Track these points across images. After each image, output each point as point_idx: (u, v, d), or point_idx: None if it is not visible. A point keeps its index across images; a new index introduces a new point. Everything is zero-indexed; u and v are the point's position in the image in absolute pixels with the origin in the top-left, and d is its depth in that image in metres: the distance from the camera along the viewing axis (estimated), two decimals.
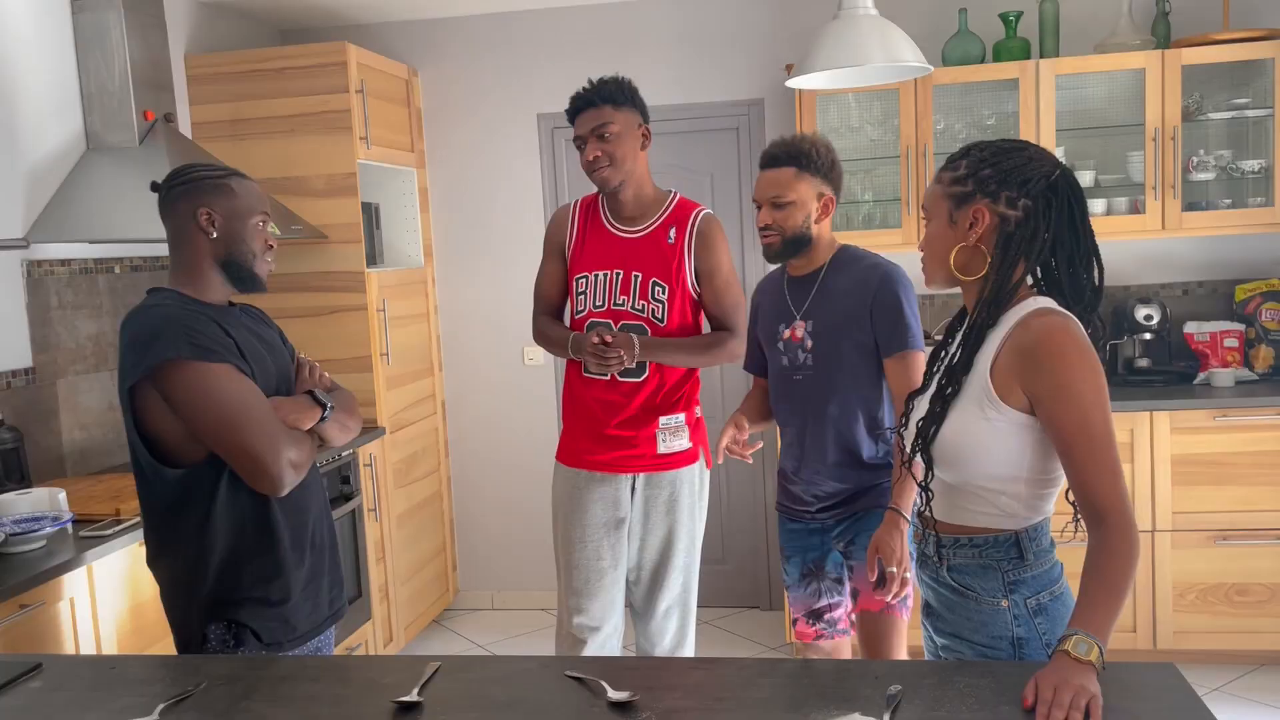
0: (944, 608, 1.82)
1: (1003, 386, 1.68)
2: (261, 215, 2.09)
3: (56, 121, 3.36)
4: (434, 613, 4.60)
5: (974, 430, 1.71)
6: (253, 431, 1.93)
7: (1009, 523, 1.74)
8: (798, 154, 2.47)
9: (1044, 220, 1.70)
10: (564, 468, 2.96)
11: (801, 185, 2.46)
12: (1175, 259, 4.25)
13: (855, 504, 2.54)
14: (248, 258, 2.06)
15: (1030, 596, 1.73)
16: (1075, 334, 1.66)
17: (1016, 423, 1.68)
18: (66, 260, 3.36)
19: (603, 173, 2.78)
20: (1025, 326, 1.68)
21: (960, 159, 1.77)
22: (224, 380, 1.93)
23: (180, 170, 2.08)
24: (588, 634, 2.92)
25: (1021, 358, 1.66)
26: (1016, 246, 1.71)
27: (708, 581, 4.51)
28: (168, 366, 1.92)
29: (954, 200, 1.75)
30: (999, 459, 1.70)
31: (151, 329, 1.95)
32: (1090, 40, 4.09)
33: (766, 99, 4.41)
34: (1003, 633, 1.73)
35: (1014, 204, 1.70)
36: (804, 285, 2.56)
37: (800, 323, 2.54)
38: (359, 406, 2.29)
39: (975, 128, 4.17)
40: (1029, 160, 1.72)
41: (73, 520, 2.64)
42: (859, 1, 2.95)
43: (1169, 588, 3.79)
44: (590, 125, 2.76)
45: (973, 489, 1.74)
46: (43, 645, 2.38)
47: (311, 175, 4.02)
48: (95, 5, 3.41)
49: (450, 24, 4.60)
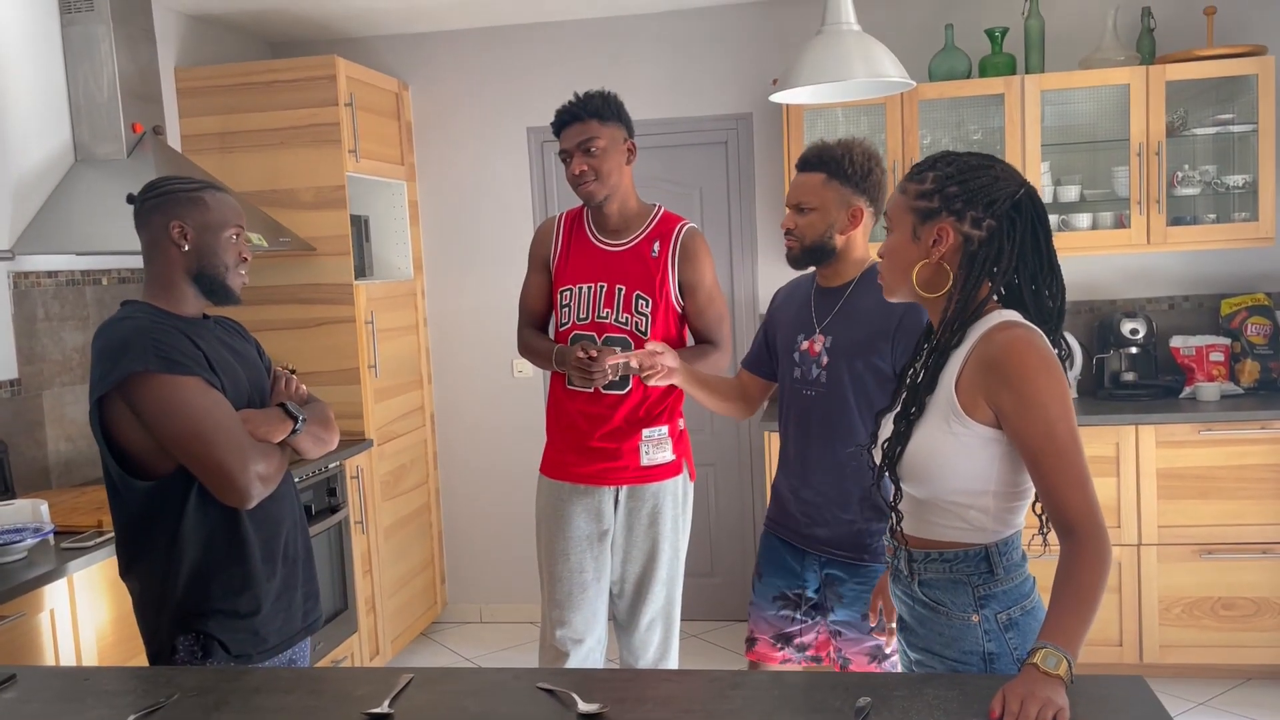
0: (916, 622, 1.82)
1: (968, 401, 1.68)
2: (235, 228, 2.09)
3: (45, 133, 3.37)
4: (422, 625, 4.59)
5: (940, 445, 1.70)
6: (219, 444, 1.93)
7: (978, 537, 1.73)
8: (829, 160, 2.35)
9: (1008, 240, 1.70)
10: (547, 480, 2.97)
11: (828, 193, 2.34)
12: (1161, 273, 4.27)
13: (849, 548, 2.37)
14: (220, 270, 2.07)
15: (1001, 611, 1.73)
16: (1039, 346, 1.67)
17: (983, 436, 1.68)
18: (54, 272, 3.37)
19: (588, 187, 2.80)
20: (989, 340, 1.68)
21: (926, 170, 1.75)
22: (191, 393, 1.93)
23: (154, 183, 2.09)
24: (570, 646, 2.91)
25: (986, 371, 1.66)
26: (980, 266, 1.71)
27: (695, 595, 4.53)
28: (135, 379, 1.92)
29: (918, 215, 1.74)
30: (966, 473, 1.70)
31: (120, 341, 1.95)
32: (1075, 56, 4.12)
33: (755, 113, 4.43)
34: (974, 648, 1.73)
35: (979, 224, 1.71)
36: (830, 298, 2.43)
37: (820, 336, 2.40)
38: (335, 419, 2.28)
39: (961, 142, 4.19)
40: (995, 180, 1.71)
41: (54, 532, 2.64)
42: (842, 17, 2.97)
43: (1154, 601, 3.79)
44: (576, 139, 2.77)
45: (941, 504, 1.74)
46: (23, 656, 2.38)
47: (300, 188, 4.04)
48: (85, 18, 3.43)
49: (440, 38, 4.62)
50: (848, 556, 2.37)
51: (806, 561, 2.45)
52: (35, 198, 3.31)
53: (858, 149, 2.36)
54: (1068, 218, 4.04)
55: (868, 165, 2.36)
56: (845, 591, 2.38)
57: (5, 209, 3.18)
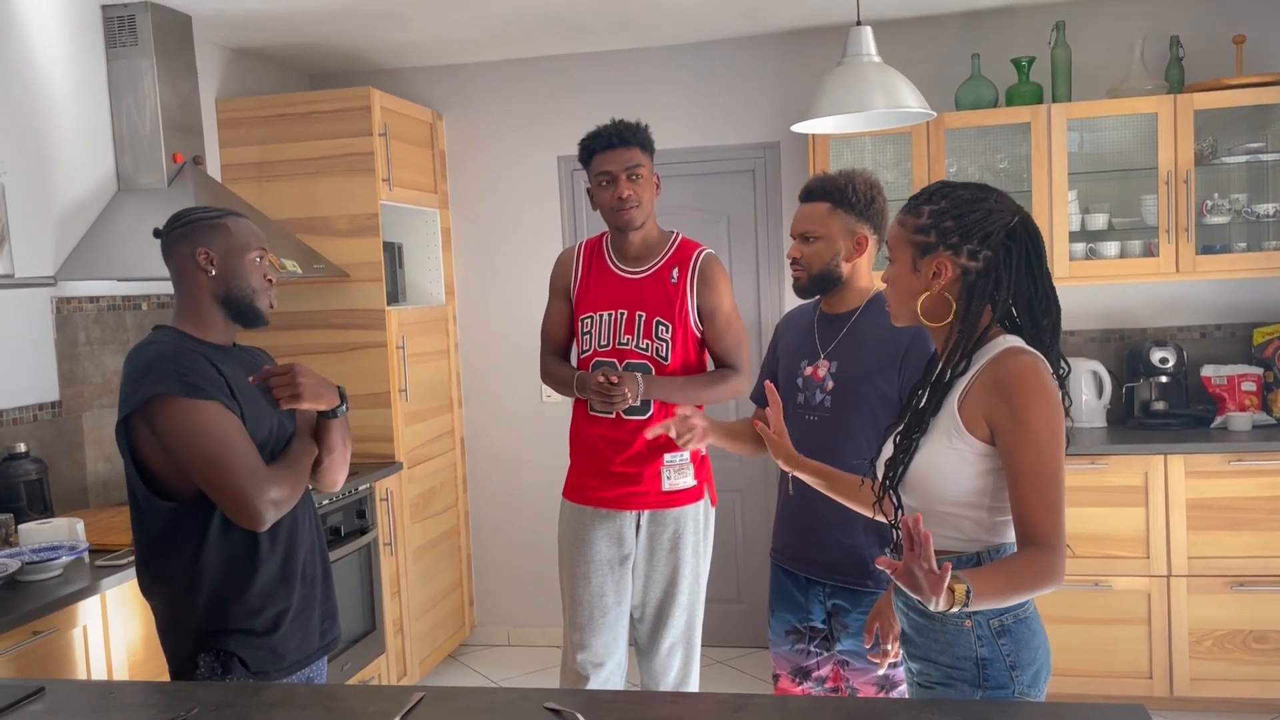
0: (915, 631, 1.86)
1: (970, 419, 1.75)
2: (258, 251, 2.15)
3: (90, 164, 3.49)
4: (450, 648, 4.63)
5: (939, 458, 1.77)
6: (234, 468, 1.98)
7: (972, 545, 1.79)
8: (832, 190, 2.40)
9: (1005, 269, 1.76)
10: (570, 504, 3.01)
11: (833, 222, 2.38)
12: (1192, 302, 4.24)
13: (852, 573, 2.38)
14: (247, 293, 2.13)
15: (994, 618, 1.76)
16: (1043, 375, 1.73)
17: (978, 452, 1.75)
18: (95, 297, 3.47)
19: (630, 213, 2.84)
20: (997, 363, 1.74)
21: (923, 204, 1.81)
22: (209, 418, 1.99)
23: (178, 215, 2.16)
24: (590, 670, 2.94)
25: (990, 392, 1.72)
26: (980, 296, 1.77)
27: (722, 620, 4.54)
28: (157, 402, 1.99)
29: (917, 249, 1.80)
30: (961, 486, 1.76)
31: (145, 365, 2.02)
32: (1103, 85, 4.12)
33: (782, 142, 4.47)
34: (966, 653, 1.77)
35: (975, 256, 1.77)
36: (834, 324, 2.46)
37: (824, 362, 2.44)
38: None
39: (988, 171, 4.20)
40: (989, 213, 1.77)
41: (89, 550, 2.72)
42: (863, 49, 3.01)
43: (1185, 634, 3.75)
44: (623, 164, 2.82)
45: (936, 513, 1.79)
46: (56, 671, 2.45)
47: (335, 215, 4.13)
48: (129, 52, 3.55)
49: (474, 69, 4.72)
50: (851, 582, 2.39)
51: (811, 592, 2.47)
52: (79, 226, 3.42)
53: (859, 178, 2.42)
54: (1096, 246, 4.03)
55: (870, 194, 2.41)
56: (850, 621, 2.39)
57: (50, 237, 3.30)
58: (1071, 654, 3.78)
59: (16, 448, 3.04)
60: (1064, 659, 3.77)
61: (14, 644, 2.32)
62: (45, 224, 3.28)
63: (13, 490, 3.00)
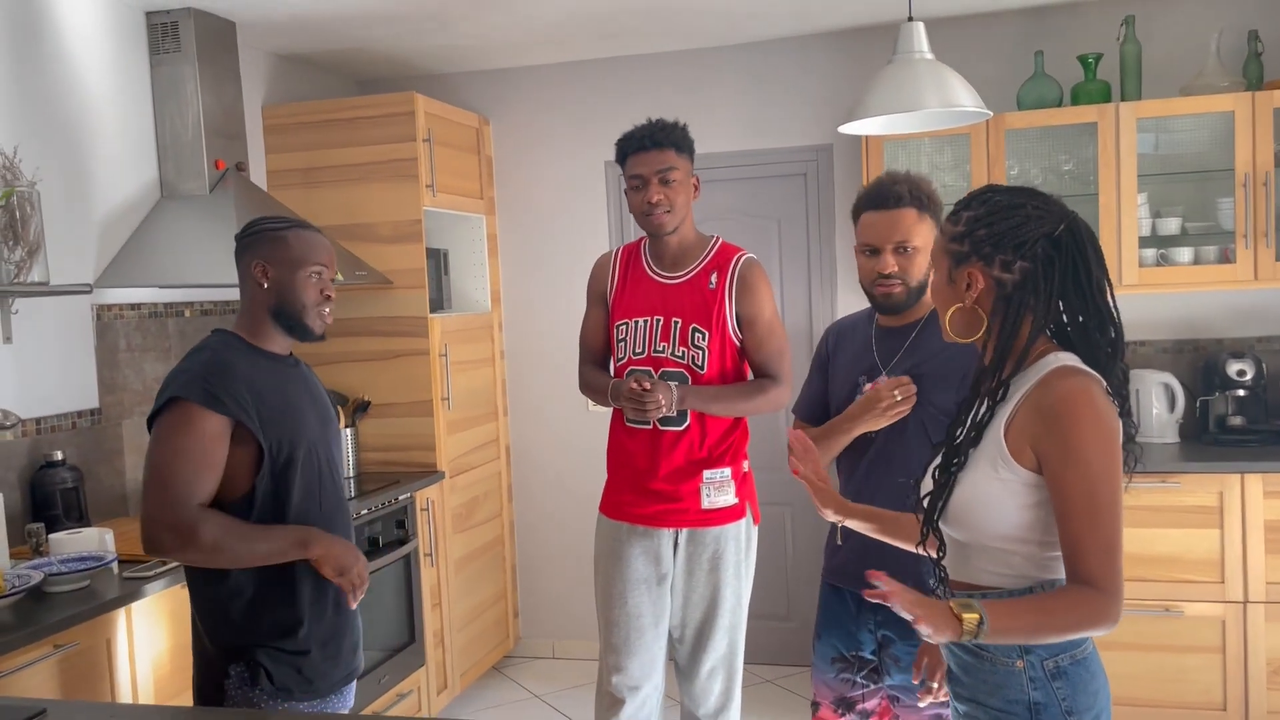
0: (962, 671, 1.72)
1: (1016, 446, 1.61)
2: (316, 267, 2.14)
3: (133, 171, 3.48)
4: (493, 660, 4.56)
5: (984, 489, 1.63)
6: (164, 484, 1.97)
7: (1022, 581, 1.65)
8: (920, 195, 2.25)
9: (1044, 281, 1.62)
10: (606, 520, 2.91)
11: (924, 229, 2.23)
12: (1272, 311, 4.00)
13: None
14: (297, 308, 2.12)
15: (1049, 658, 1.62)
16: (1095, 398, 1.58)
17: (1027, 483, 1.61)
18: (136, 304, 3.46)
19: (660, 217, 2.74)
20: (1046, 386, 1.60)
21: (962, 210, 1.69)
22: (192, 428, 1.98)
23: (251, 223, 2.19)
24: (626, 693, 2.84)
25: (1036, 418, 1.58)
26: (1015, 310, 1.63)
27: (769, 638, 4.40)
28: (174, 403, 2.01)
29: (952, 258, 1.68)
30: (1009, 519, 1.62)
31: (183, 368, 2.06)
32: (1176, 82, 3.91)
33: (835, 145, 4.33)
34: (1018, 696, 1.63)
35: (1009, 267, 1.63)
36: (897, 337, 2.31)
37: (885, 378, 2.30)
38: None
39: (1052, 173, 4.02)
40: (1026, 220, 1.62)
41: (116, 561, 2.68)
42: (914, 46, 2.87)
43: (1262, 664, 3.52)
44: (654, 167, 2.72)
45: (983, 547, 1.66)
46: (79, 684, 2.41)
47: (378, 222, 4.09)
48: (172, 59, 3.54)
49: (521, 73, 4.65)
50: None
51: (862, 619, 2.32)
52: (121, 232, 3.41)
53: (922, 180, 2.28)
54: (1167, 252, 3.83)
55: (937, 197, 2.27)
56: (900, 653, 2.25)
57: (91, 244, 3.29)
58: (1139, 683, 3.58)
59: (54, 455, 3.03)
60: (1131, 688, 3.58)
61: (37, 657, 2.28)
62: (86, 231, 3.27)
63: (49, 498, 2.99)
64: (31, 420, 3.04)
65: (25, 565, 2.56)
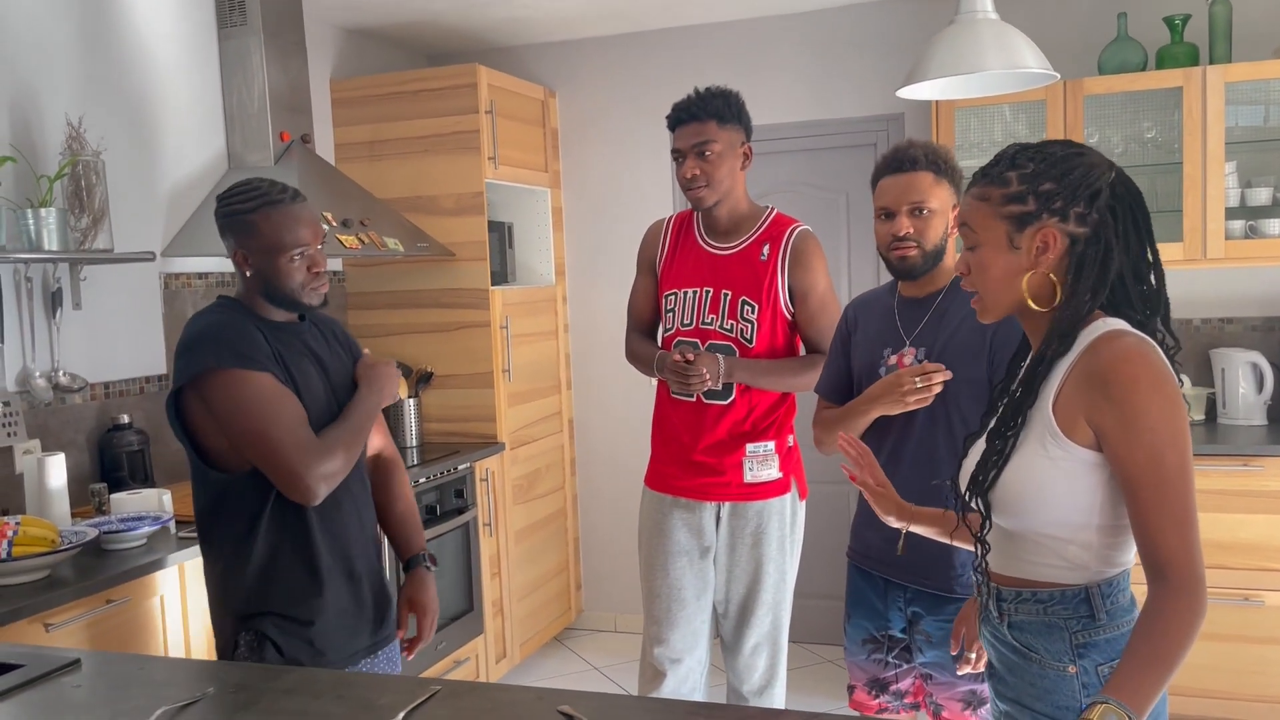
0: (1006, 669, 1.63)
1: (1066, 420, 1.49)
2: (296, 250, 2.02)
3: (201, 141, 3.56)
4: (554, 631, 4.59)
5: (1036, 472, 1.51)
6: (282, 442, 1.93)
7: (1078, 576, 1.53)
8: (935, 158, 2.21)
9: (1114, 234, 1.51)
10: (650, 492, 2.88)
11: (941, 192, 2.20)
12: None
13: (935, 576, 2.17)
14: (286, 291, 2.05)
15: (1104, 663, 1.52)
16: (1153, 359, 1.46)
17: (1085, 461, 1.48)
18: (204, 274, 3.55)
19: (698, 192, 2.69)
20: (1095, 351, 1.48)
21: (1006, 170, 1.56)
22: (259, 390, 1.95)
23: (225, 193, 2.07)
24: (668, 665, 2.82)
25: (1089, 387, 1.46)
26: (1089, 268, 1.51)
27: (827, 617, 4.32)
28: (208, 374, 1.96)
29: (1013, 221, 1.54)
30: (1066, 504, 1.50)
31: (197, 336, 2.00)
32: (1269, 45, 3.69)
33: (906, 113, 4.20)
34: (1069, 703, 1.53)
35: (1084, 220, 1.51)
36: (918, 308, 2.27)
37: (910, 350, 2.24)
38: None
39: (1134, 141, 3.83)
40: (1091, 167, 1.52)
41: (173, 520, 2.76)
42: (977, 6, 2.74)
43: None
44: (691, 141, 2.67)
45: (1036, 538, 1.54)
46: (132, 639, 2.49)
47: (441, 194, 4.12)
48: (239, 32, 3.60)
49: (587, 45, 4.62)
50: (933, 587, 2.16)
51: (890, 597, 2.25)
52: (189, 203, 3.50)
53: (940, 147, 2.23)
54: (1256, 224, 3.62)
55: (956, 163, 2.22)
56: (931, 629, 2.18)
57: (159, 214, 3.38)
58: (1214, 674, 3.42)
59: (121, 419, 3.13)
60: (1207, 679, 3.43)
61: (87, 610, 2.36)
62: (153, 201, 3.36)
63: (115, 460, 3.09)
64: (100, 384, 3.14)
65: (85, 523, 2.65)
